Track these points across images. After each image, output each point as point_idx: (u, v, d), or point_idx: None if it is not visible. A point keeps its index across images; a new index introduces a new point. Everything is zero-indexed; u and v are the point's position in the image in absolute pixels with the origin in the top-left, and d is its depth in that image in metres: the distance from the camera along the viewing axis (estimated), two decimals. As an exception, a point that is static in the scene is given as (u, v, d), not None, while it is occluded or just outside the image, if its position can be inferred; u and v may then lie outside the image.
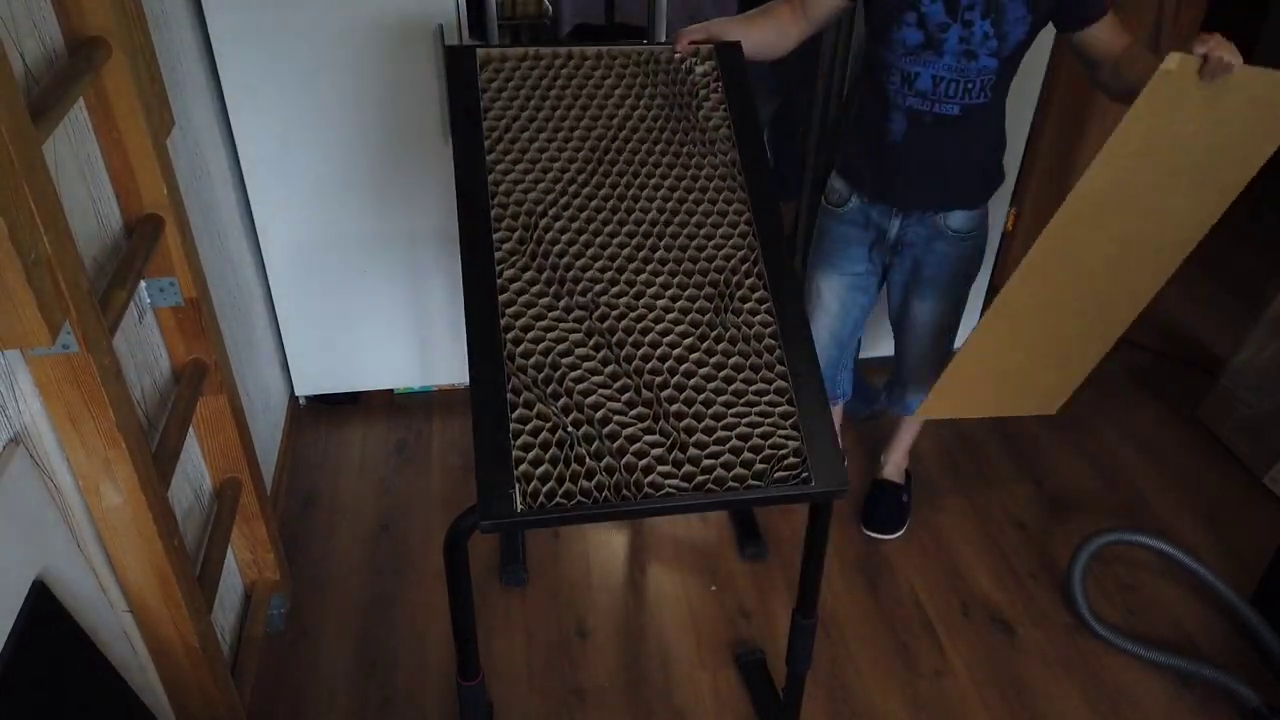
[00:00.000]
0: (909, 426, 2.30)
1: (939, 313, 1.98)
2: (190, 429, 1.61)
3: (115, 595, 1.38)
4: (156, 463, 1.39)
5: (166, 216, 1.48)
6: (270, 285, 2.36)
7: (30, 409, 1.20)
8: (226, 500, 1.79)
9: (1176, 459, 2.51)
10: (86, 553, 1.31)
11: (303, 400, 2.63)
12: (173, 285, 1.56)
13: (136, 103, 1.36)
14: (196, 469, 1.75)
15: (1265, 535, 2.26)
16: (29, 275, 1.02)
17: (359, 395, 2.65)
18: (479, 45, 1.60)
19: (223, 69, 2.03)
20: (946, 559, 2.21)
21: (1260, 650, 1.98)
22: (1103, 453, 2.52)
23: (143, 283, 1.54)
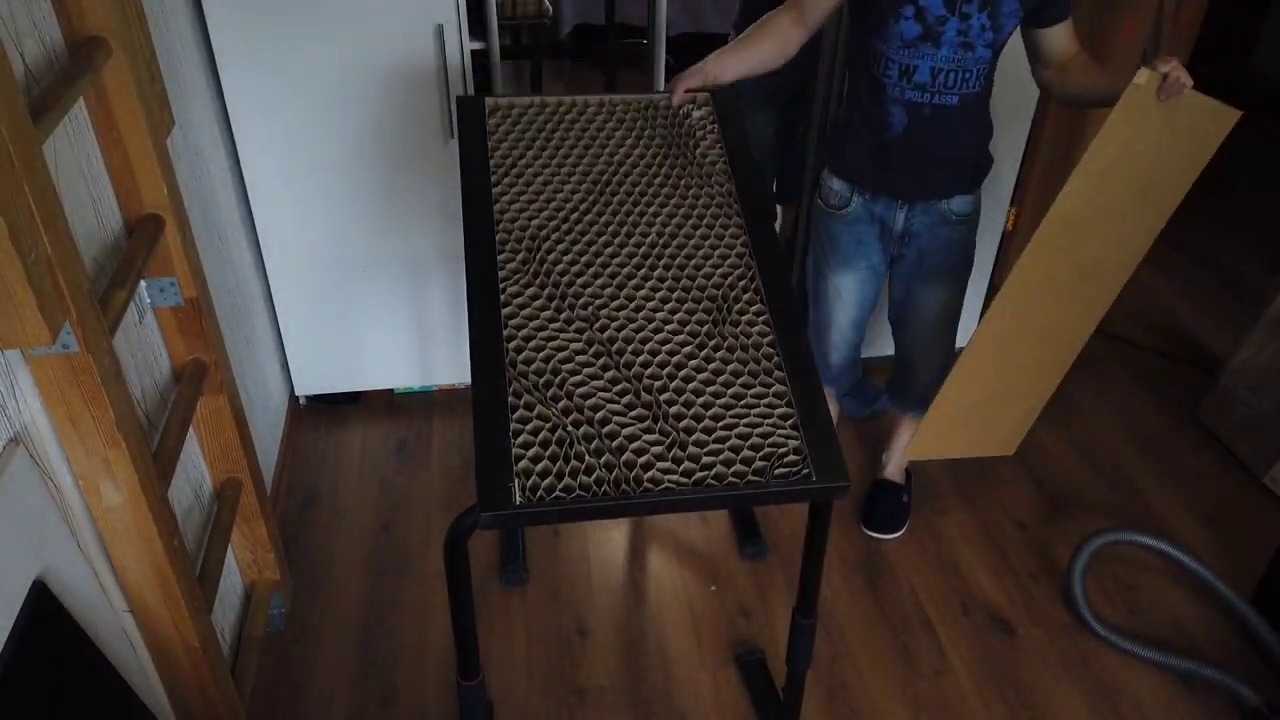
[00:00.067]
0: (909, 426, 2.30)
1: (945, 301, 2.00)
2: (190, 429, 1.62)
3: (115, 595, 1.38)
4: (156, 463, 1.39)
5: (166, 216, 1.49)
6: (270, 285, 2.36)
7: (30, 409, 1.20)
8: (226, 500, 1.79)
9: (1176, 459, 2.51)
10: (86, 553, 1.32)
11: (303, 400, 2.63)
12: (173, 285, 1.56)
13: (136, 102, 1.36)
14: (196, 469, 1.75)
15: (1265, 535, 2.26)
16: (29, 275, 1.02)
17: (359, 395, 2.66)
18: (487, 95, 1.71)
19: (223, 69, 2.03)
20: (946, 559, 2.21)
21: (1260, 650, 1.98)
22: (1103, 453, 2.52)
23: (143, 283, 1.54)
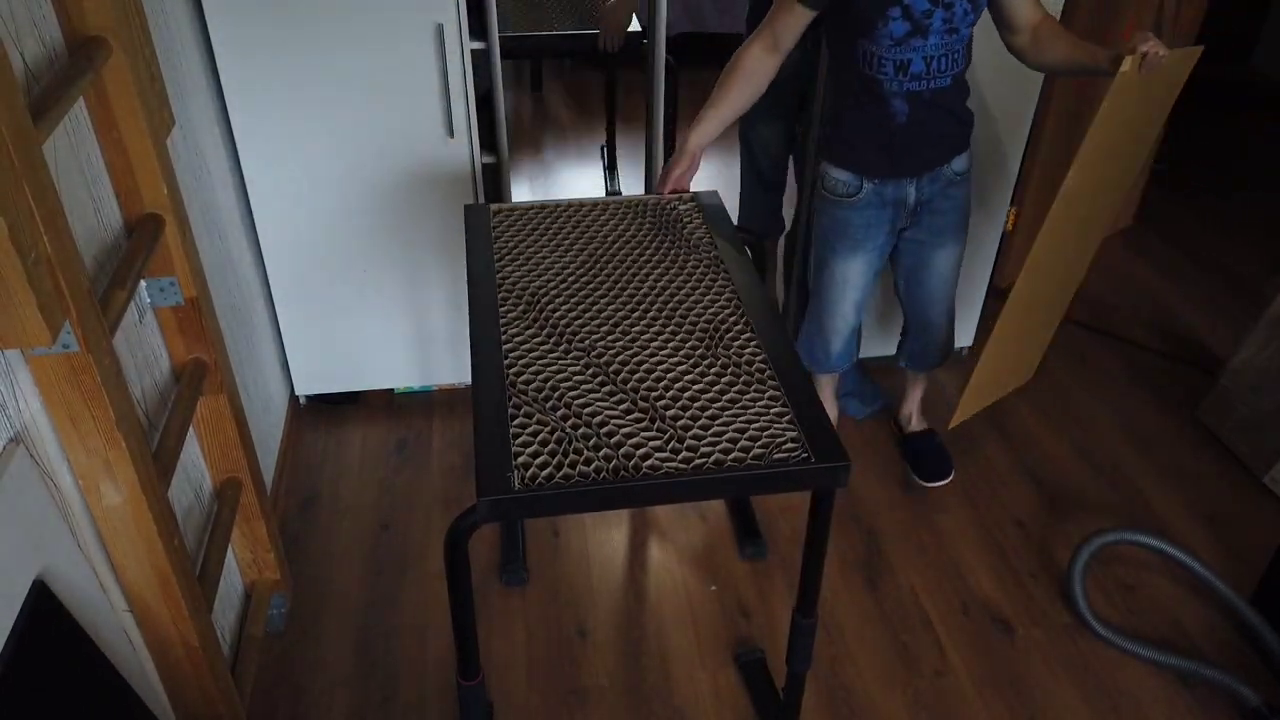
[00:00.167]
0: (918, 379, 2.43)
1: (957, 256, 2.13)
2: (190, 429, 1.62)
3: (115, 595, 1.38)
4: (156, 462, 1.39)
5: (166, 216, 1.49)
6: (270, 285, 2.36)
7: (30, 409, 1.20)
8: (226, 500, 1.79)
9: (1176, 459, 2.51)
10: (86, 552, 1.32)
11: (303, 400, 2.63)
12: (173, 285, 1.56)
13: (136, 102, 1.36)
14: (196, 469, 1.75)
15: (1265, 535, 2.26)
16: (29, 275, 1.02)
17: (359, 395, 2.66)
18: (493, 204, 1.91)
19: (223, 69, 2.03)
20: (946, 559, 2.21)
21: (1260, 650, 1.98)
22: (1103, 453, 2.52)
23: (143, 282, 1.54)
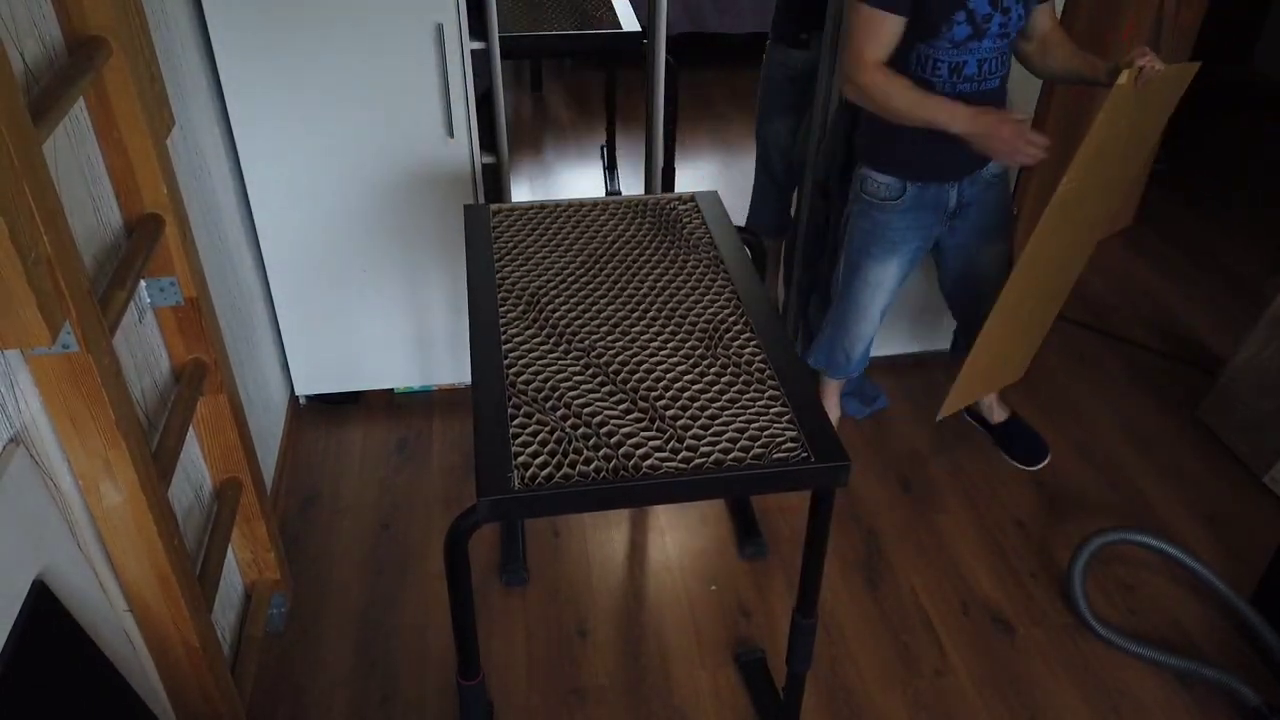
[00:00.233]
0: None
1: (1004, 254, 2.16)
2: (190, 429, 1.62)
3: (115, 595, 1.38)
4: (156, 462, 1.39)
5: (166, 216, 1.49)
6: (270, 285, 2.36)
7: (30, 409, 1.20)
8: (226, 500, 1.79)
9: (1177, 459, 2.51)
10: (86, 552, 1.32)
11: (303, 400, 2.63)
12: (173, 285, 1.56)
13: (136, 102, 1.36)
14: (196, 469, 1.75)
15: (1265, 535, 2.26)
16: (29, 275, 1.02)
17: (359, 395, 2.65)
18: (493, 204, 1.91)
19: (223, 69, 2.03)
20: (946, 559, 2.21)
21: (1260, 650, 1.98)
22: (1102, 452, 2.52)
23: (143, 282, 1.54)
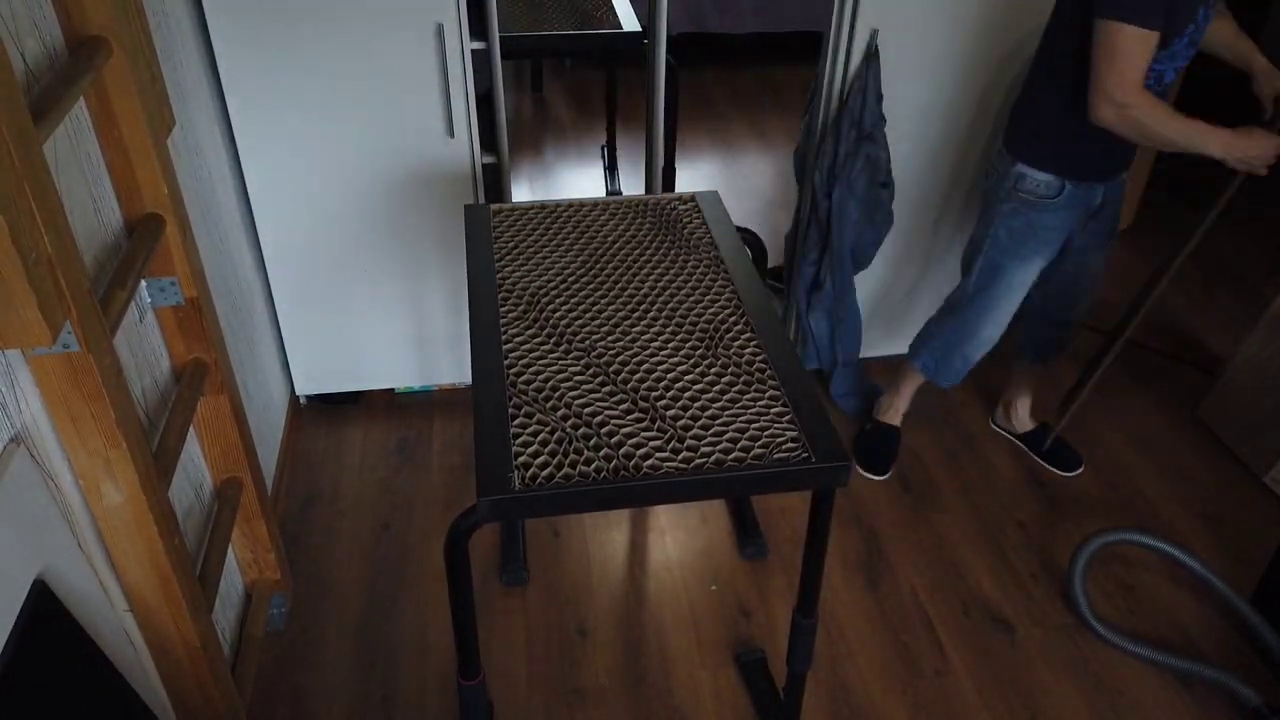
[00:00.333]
0: (1033, 375, 2.46)
1: (1109, 255, 2.18)
2: (191, 429, 1.62)
3: (116, 594, 1.38)
4: (157, 462, 1.39)
5: (167, 216, 1.49)
6: (270, 285, 2.36)
7: (31, 408, 1.20)
8: (227, 500, 1.79)
9: (1177, 459, 2.51)
10: (87, 552, 1.32)
11: (303, 400, 2.63)
12: (173, 285, 1.56)
13: (137, 102, 1.36)
14: (197, 469, 1.75)
15: (1265, 535, 2.26)
16: (30, 275, 1.02)
17: (359, 395, 2.65)
18: (493, 204, 1.91)
19: (223, 69, 2.03)
20: (947, 559, 2.21)
21: (1260, 650, 1.98)
22: (1103, 453, 2.52)
23: (143, 282, 1.54)
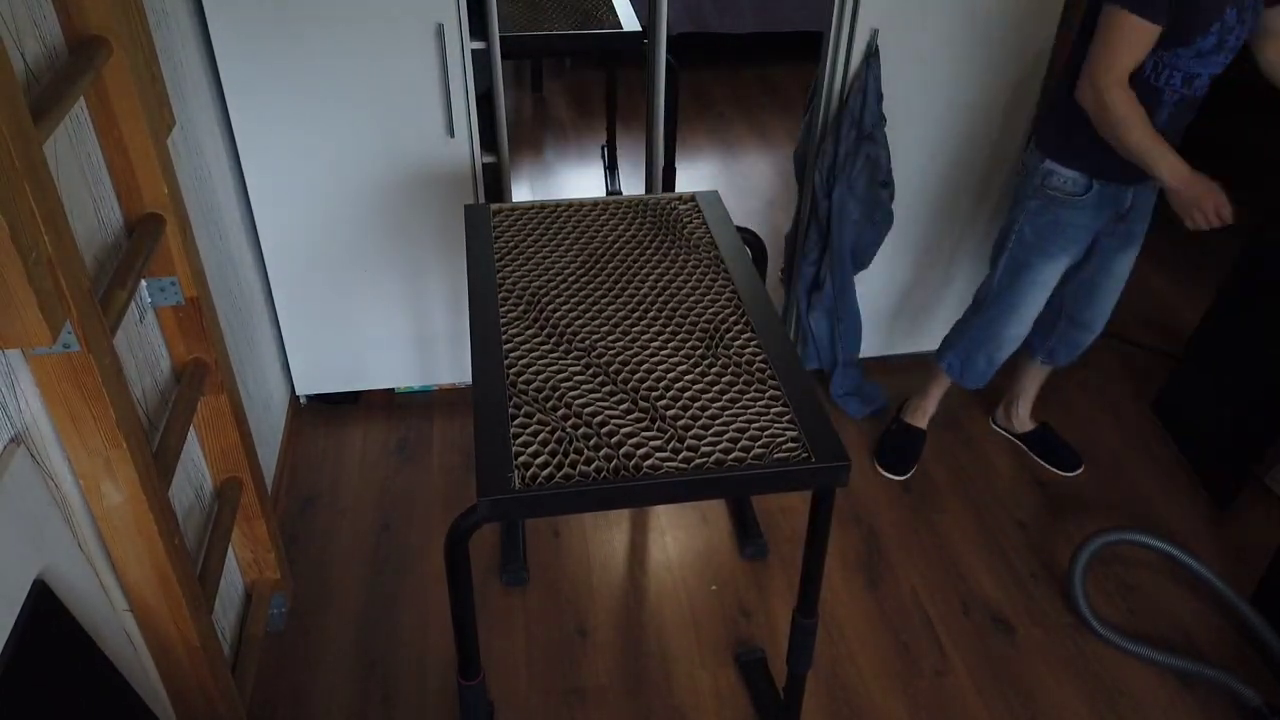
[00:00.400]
0: (1041, 376, 2.45)
1: (1135, 260, 2.16)
2: (191, 429, 1.62)
3: (116, 594, 1.38)
4: (157, 462, 1.39)
5: (167, 216, 1.49)
6: (270, 285, 2.36)
7: (31, 408, 1.20)
8: (227, 500, 1.79)
9: (1177, 459, 2.51)
10: (87, 552, 1.32)
11: (303, 400, 2.63)
12: (173, 284, 1.56)
13: (137, 102, 1.36)
14: (197, 468, 1.75)
15: (1265, 535, 2.26)
16: (30, 275, 1.02)
17: (359, 395, 2.65)
18: (493, 204, 1.92)
19: (223, 68, 2.03)
20: (947, 559, 2.21)
21: (1260, 650, 1.99)
22: (1103, 453, 2.52)
23: (143, 282, 1.54)
